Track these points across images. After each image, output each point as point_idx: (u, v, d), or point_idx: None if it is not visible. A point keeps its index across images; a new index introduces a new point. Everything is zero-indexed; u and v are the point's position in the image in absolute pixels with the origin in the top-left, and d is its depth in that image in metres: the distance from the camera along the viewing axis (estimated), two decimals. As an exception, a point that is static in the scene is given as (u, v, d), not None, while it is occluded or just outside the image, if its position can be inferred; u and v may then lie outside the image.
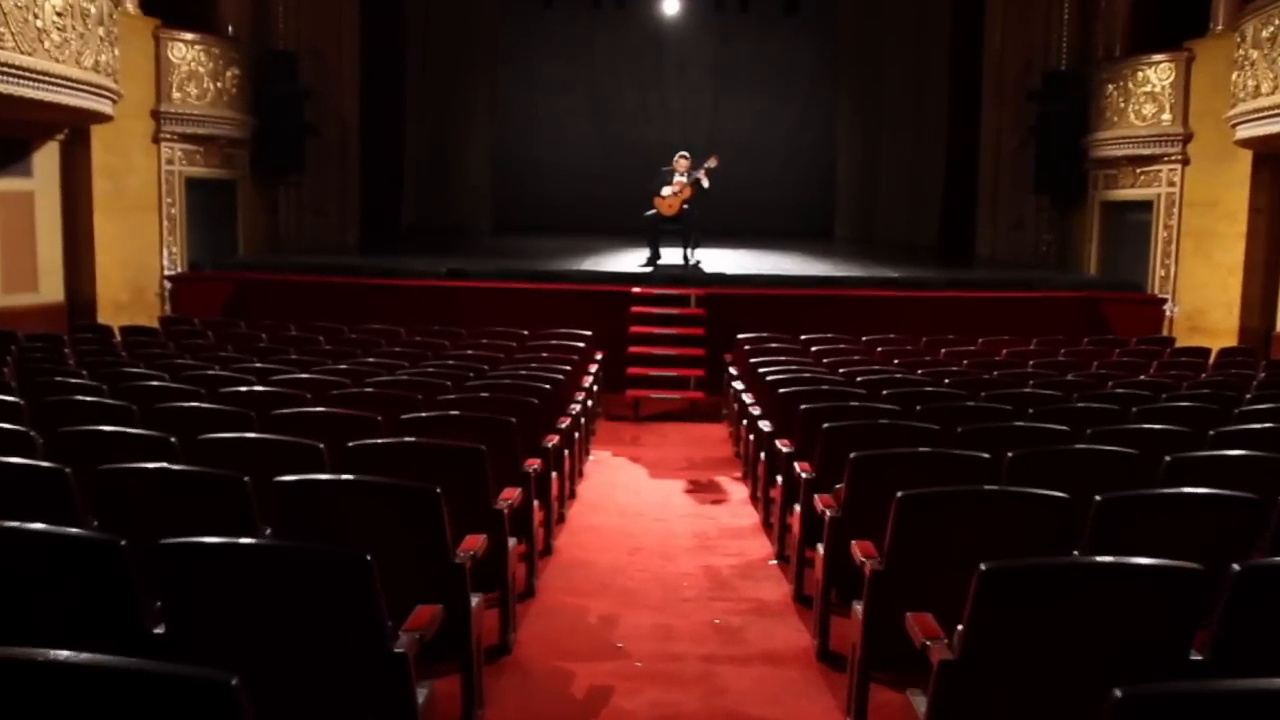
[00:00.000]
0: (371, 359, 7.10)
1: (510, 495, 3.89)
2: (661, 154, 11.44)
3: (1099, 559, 2.23)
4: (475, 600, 3.10)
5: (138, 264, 10.99)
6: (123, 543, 2.24)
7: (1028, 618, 2.23)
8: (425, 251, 12.99)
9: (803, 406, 4.89)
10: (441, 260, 11.38)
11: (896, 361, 7.64)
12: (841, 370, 6.93)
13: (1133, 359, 8.21)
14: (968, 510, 2.90)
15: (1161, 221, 10.98)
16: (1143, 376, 7.29)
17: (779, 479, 5.14)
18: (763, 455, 5.84)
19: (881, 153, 16.21)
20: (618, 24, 16.87)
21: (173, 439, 3.73)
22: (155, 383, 5.51)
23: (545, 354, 7.62)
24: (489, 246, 13.89)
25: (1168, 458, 3.60)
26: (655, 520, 5.95)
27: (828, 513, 3.70)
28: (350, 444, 3.60)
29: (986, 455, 3.56)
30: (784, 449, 5.04)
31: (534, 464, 4.53)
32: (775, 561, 5.13)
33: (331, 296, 10.59)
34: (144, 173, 11.01)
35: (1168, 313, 10.96)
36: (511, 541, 3.83)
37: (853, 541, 3.24)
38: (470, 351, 7.63)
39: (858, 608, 3.09)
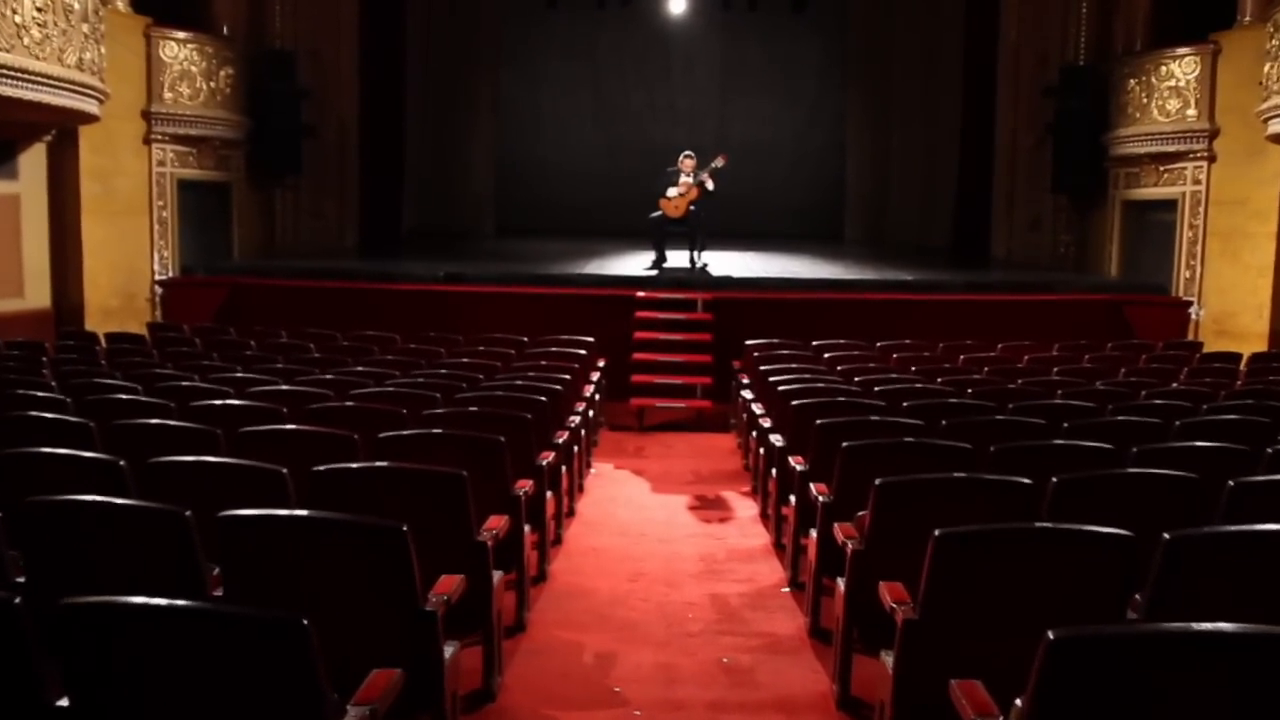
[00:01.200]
0: (361, 368, 6.76)
1: (496, 524, 3.53)
2: (667, 155, 11.11)
3: (1190, 627, 1.82)
4: (449, 651, 2.74)
5: (128, 269, 10.67)
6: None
7: (1102, 692, 1.84)
8: (426, 255, 12.67)
9: (819, 421, 4.52)
10: (442, 264, 11.05)
11: (914, 369, 7.26)
12: (857, 379, 6.56)
13: (1161, 365, 7.82)
14: (1016, 550, 2.52)
15: (1186, 221, 10.56)
16: (1175, 385, 6.91)
17: (792, 499, 4.76)
18: (774, 472, 5.46)
19: (892, 152, 15.83)
20: (623, 23, 16.52)
21: (122, 463, 3.38)
22: (124, 396, 5.17)
23: (544, 362, 7.26)
24: (491, 249, 13.55)
25: (1230, 483, 3.22)
26: (659, 541, 5.58)
27: (849, 545, 3.33)
28: (317, 469, 3.24)
29: (1027, 481, 3.18)
30: (798, 467, 4.66)
31: (525, 485, 4.17)
32: (788, 589, 4.75)
33: (327, 302, 10.28)
34: (134, 175, 10.69)
35: (1193, 316, 10.54)
36: (497, 575, 3.47)
37: (881, 583, 2.87)
38: (465, 360, 7.28)
39: (887, 659, 2.72)
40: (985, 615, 2.46)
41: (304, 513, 2.70)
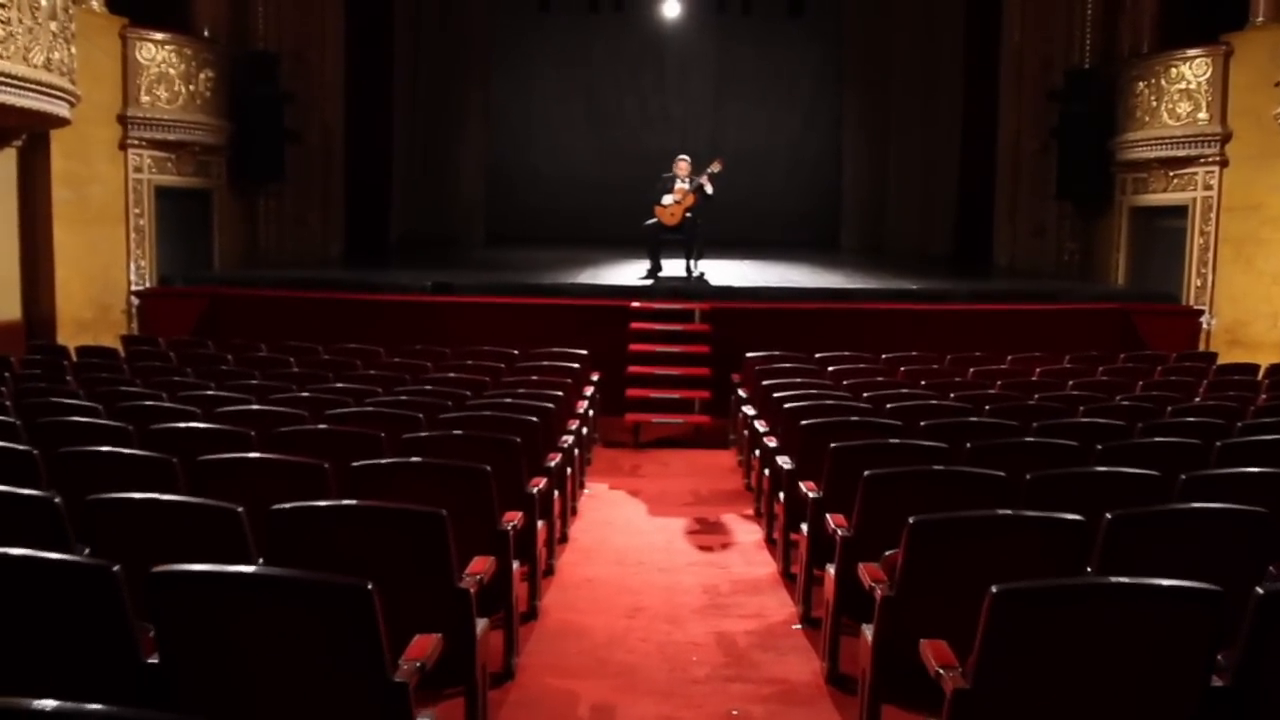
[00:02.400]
0: (341, 384, 6.38)
1: (480, 568, 3.16)
2: (662, 162, 10.79)
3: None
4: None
5: (102, 279, 10.27)
6: None
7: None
8: (414, 264, 12.31)
9: (833, 445, 4.15)
10: (430, 274, 10.68)
11: (924, 383, 6.92)
12: (866, 395, 6.21)
13: (1179, 377, 7.49)
14: (1095, 600, 2.17)
15: (1197, 227, 10.26)
16: (1197, 399, 6.59)
17: (804, 527, 4.40)
18: (781, 495, 5.10)
19: (890, 158, 15.53)
20: (616, 28, 16.21)
21: (57, 499, 3.00)
22: (81, 419, 4.78)
23: (535, 377, 6.90)
24: (481, 259, 13.18)
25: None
26: (658, 570, 5.21)
27: (878, 590, 2.96)
28: (276, 508, 2.87)
29: (1078, 518, 2.82)
30: (810, 494, 4.30)
31: (513, 518, 3.79)
32: (800, 626, 4.38)
33: (310, 313, 9.89)
34: (109, 181, 10.30)
35: (1205, 325, 10.23)
36: (481, 624, 3.09)
37: (923, 641, 2.50)
38: (452, 375, 6.92)
39: (928, 730, 2.36)
40: (1042, 688, 2.11)
41: (248, 570, 2.33)
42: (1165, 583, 2.14)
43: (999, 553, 2.77)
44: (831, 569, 3.71)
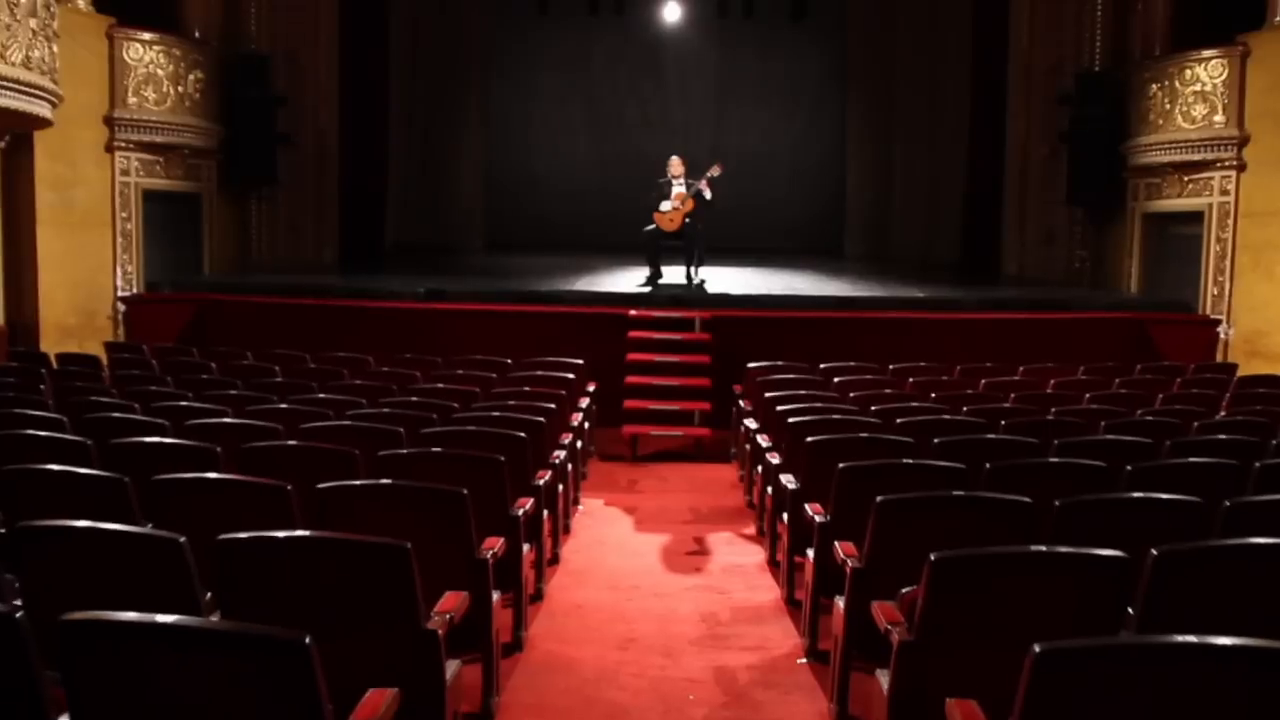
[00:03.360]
0: (324, 395, 6.10)
1: (451, 604, 2.86)
2: (662, 168, 10.50)
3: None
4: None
5: (88, 285, 9.99)
6: None
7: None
8: (409, 271, 12.03)
9: (841, 465, 3.85)
10: (424, 280, 10.40)
11: (934, 396, 6.63)
12: (874, 408, 5.92)
13: (1200, 390, 7.19)
14: (1152, 661, 1.87)
15: (1214, 234, 9.95)
16: (1222, 414, 6.29)
17: (810, 553, 4.10)
18: (785, 516, 4.80)
19: (895, 164, 15.26)
20: (616, 31, 15.95)
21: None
22: (41, 432, 4.49)
23: (528, 388, 6.61)
24: (478, 265, 12.90)
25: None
26: (654, 595, 4.91)
27: (895, 633, 2.65)
28: (224, 538, 2.57)
29: (1121, 555, 2.52)
30: (817, 518, 4.00)
31: (493, 546, 3.49)
32: (805, 660, 4.08)
33: (300, 320, 9.63)
34: (95, 184, 10.02)
35: (1222, 335, 9.92)
36: (452, 667, 2.79)
37: (951, 703, 2.20)
38: (441, 385, 6.63)
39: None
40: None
41: (168, 620, 2.02)
42: (1230, 642, 1.84)
43: (1032, 594, 2.48)
44: (841, 601, 3.41)
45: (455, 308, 9.54)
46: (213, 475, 3.35)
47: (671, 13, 15.07)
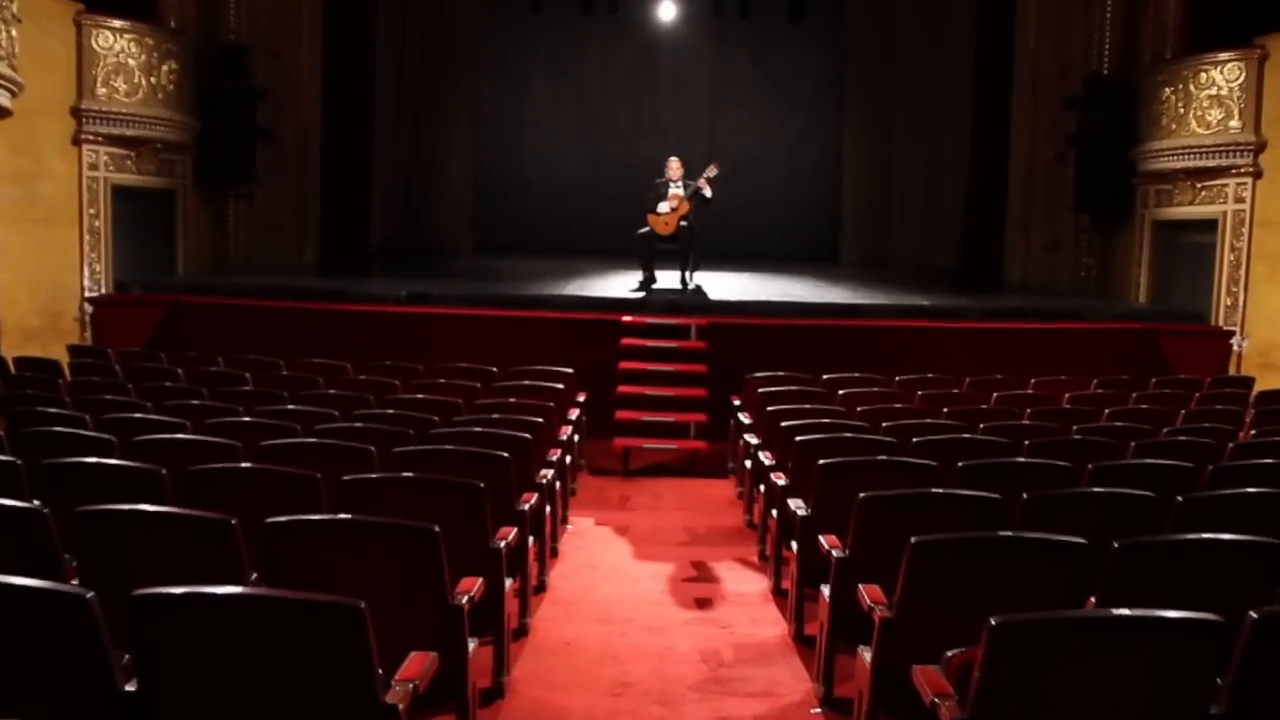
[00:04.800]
0: (295, 405, 5.67)
1: (417, 670, 2.42)
2: (655, 170, 10.13)
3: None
4: None
5: (52, 284, 9.51)
6: None
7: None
8: (394, 273, 11.60)
9: (862, 495, 3.44)
10: (408, 282, 9.97)
11: (946, 410, 6.23)
12: (886, 424, 5.51)
13: (1224, 406, 6.83)
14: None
15: (1228, 243, 9.60)
16: (1253, 434, 5.93)
17: (825, 591, 3.68)
18: (794, 545, 4.38)
19: (892, 168, 14.90)
20: (609, 30, 15.53)
21: None
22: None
23: (514, 399, 6.18)
24: (466, 268, 12.45)
25: None
26: (649, 630, 4.49)
27: (942, 708, 2.23)
28: (138, 594, 2.14)
29: (1216, 619, 2.11)
30: (834, 552, 3.58)
31: (469, 587, 3.07)
32: (821, 710, 3.66)
33: (278, 323, 9.18)
34: (61, 179, 9.54)
35: (1235, 347, 9.58)
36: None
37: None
38: (421, 396, 6.20)
39: None
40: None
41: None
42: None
43: (1111, 664, 2.06)
44: (866, 654, 2.99)
45: (439, 312, 9.11)
46: (147, 508, 2.90)
47: (666, 12, 14.67)
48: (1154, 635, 2.12)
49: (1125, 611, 2.15)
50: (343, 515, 3.08)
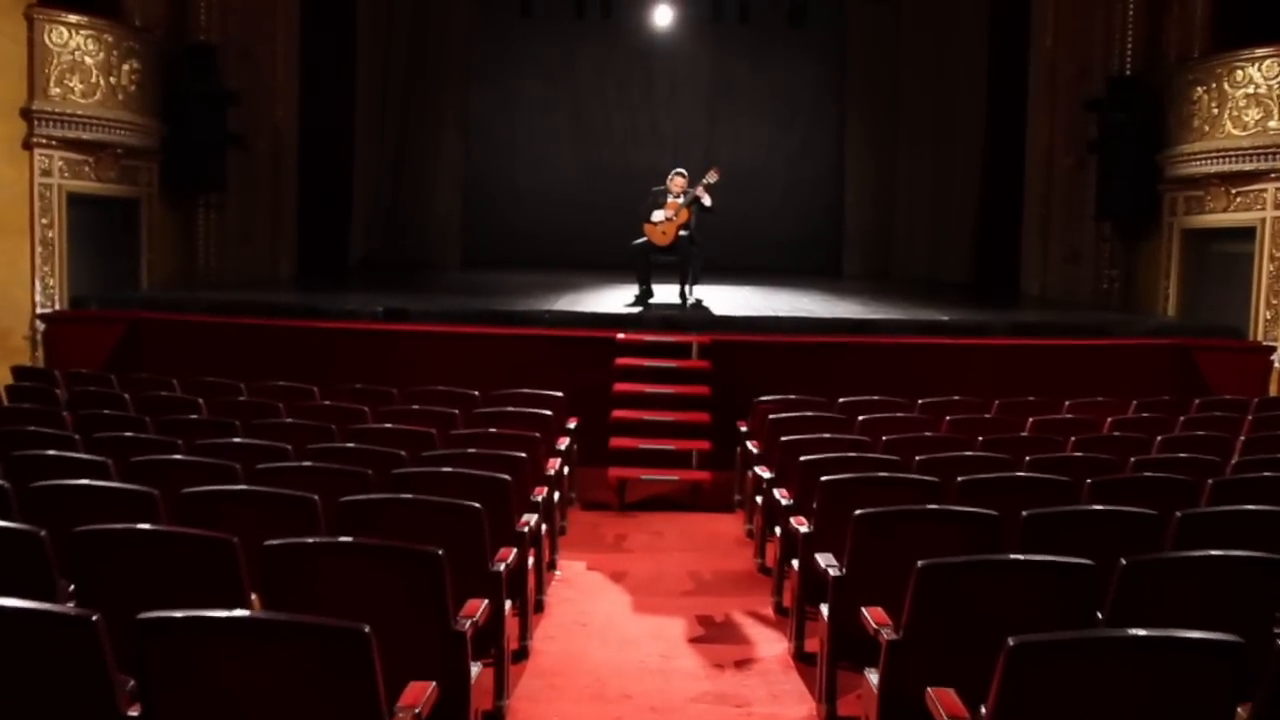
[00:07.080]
0: (242, 439, 4.96)
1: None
2: (650, 181, 9.52)
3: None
4: None
5: (0, 300, 8.80)
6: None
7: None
8: (374, 288, 10.92)
9: (922, 564, 2.73)
10: (388, 298, 9.29)
11: (981, 439, 5.55)
12: (919, 458, 4.82)
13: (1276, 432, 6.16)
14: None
15: (1267, 252, 8.97)
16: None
17: (873, 679, 2.97)
18: (824, 608, 3.68)
19: (898, 178, 14.31)
20: (603, 35, 14.94)
21: None
22: None
23: (495, 429, 5.48)
24: (451, 283, 11.76)
25: None
26: (650, 711, 3.78)
27: None
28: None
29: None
30: (883, 631, 2.87)
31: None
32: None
33: (246, 342, 8.49)
34: (11, 185, 8.83)
35: (1277, 364, 8.93)
36: None
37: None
38: (390, 425, 5.49)
39: None
40: None
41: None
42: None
43: None
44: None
45: (418, 329, 8.42)
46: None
47: (663, 16, 14.07)
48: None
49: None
50: (244, 614, 2.35)
